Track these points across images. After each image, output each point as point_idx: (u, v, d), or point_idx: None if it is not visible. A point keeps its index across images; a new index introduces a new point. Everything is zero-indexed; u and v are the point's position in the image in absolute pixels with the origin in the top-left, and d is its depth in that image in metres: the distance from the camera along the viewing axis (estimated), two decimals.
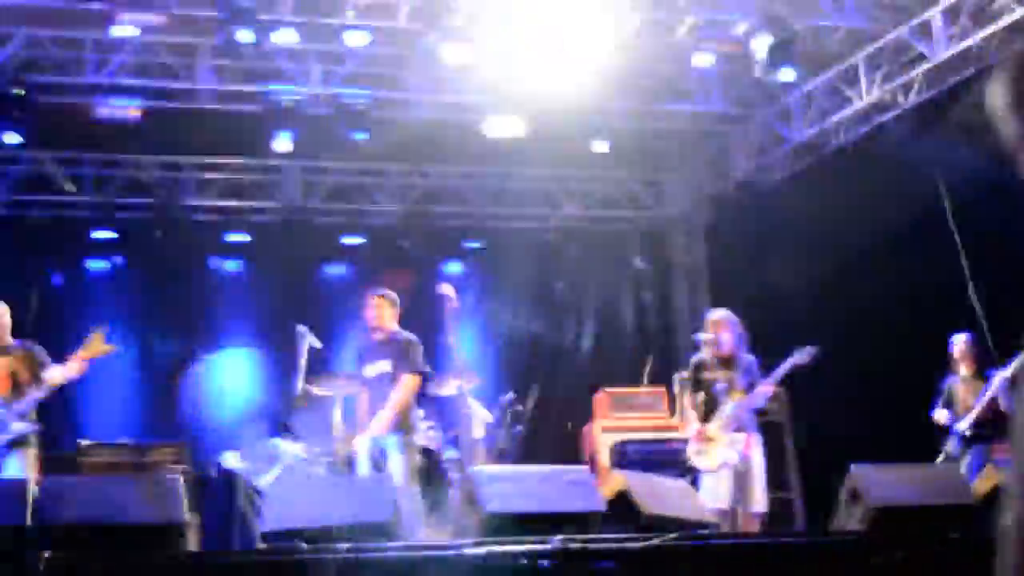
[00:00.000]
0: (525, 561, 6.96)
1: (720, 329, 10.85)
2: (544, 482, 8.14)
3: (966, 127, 14.36)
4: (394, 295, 10.82)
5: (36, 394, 9.88)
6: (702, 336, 10.92)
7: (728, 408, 10.52)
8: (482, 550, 7.08)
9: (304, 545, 7.05)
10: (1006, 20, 12.41)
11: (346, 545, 6.97)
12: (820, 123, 15.07)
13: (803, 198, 15.70)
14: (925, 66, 13.50)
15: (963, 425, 11.71)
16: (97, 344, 10.00)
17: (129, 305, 16.07)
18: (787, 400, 13.93)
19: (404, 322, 16.36)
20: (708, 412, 10.69)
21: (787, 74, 13.49)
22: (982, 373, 11.87)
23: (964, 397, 11.90)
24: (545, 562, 6.93)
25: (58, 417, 15.06)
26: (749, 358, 10.88)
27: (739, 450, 10.35)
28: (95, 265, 16.32)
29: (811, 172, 15.88)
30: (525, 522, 7.64)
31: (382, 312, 10.70)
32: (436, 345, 11.58)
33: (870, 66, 14.22)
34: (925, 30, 13.33)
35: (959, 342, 12.15)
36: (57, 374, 9.90)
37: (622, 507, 8.27)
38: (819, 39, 14.23)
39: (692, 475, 10.76)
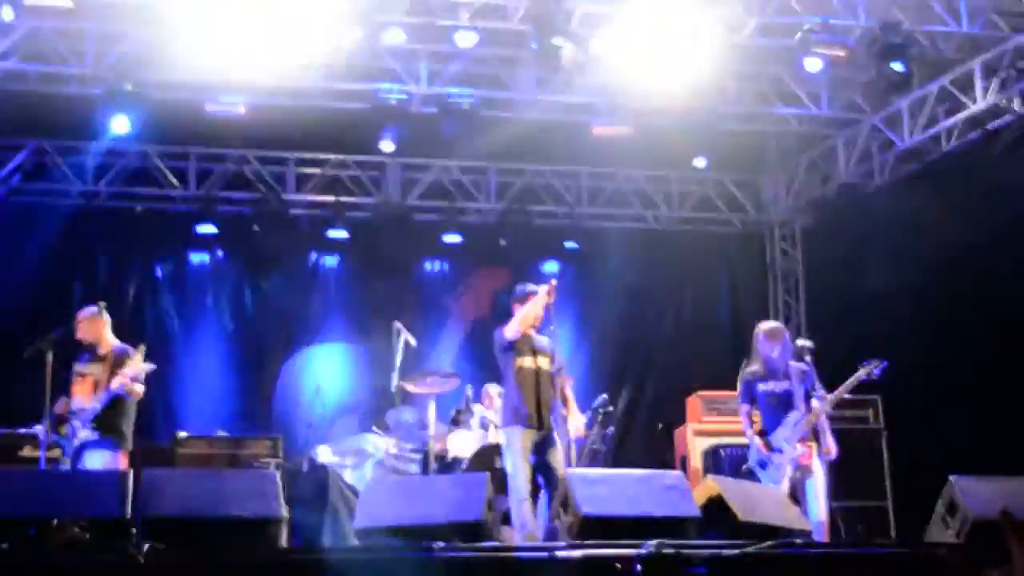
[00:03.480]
0: (619, 565, 6.94)
1: (772, 340, 10.80)
2: (639, 486, 8.13)
3: None
4: None
5: (96, 404, 10.20)
6: (761, 348, 10.84)
7: (790, 420, 10.53)
8: (577, 553, 7.08)
9: (398, 543, 7.07)
10: None
11: (440, 544, 6.98)
12: (929, 129, 14.90)
13: (905, 204, 15.53)
14: None
15: None
16: (136, 363, 10.25)
17: (228, 298, 16.26)
18: (881, 406, 13.78)
19: (497, 318, 16.53)
20: (770, 423, 10.71)
21: (900, 71, 13.38)
22: None
23: None
24: (639, 567, 6.91)
25: (154, 409, 15.34)
26: (801, 367, 10.83)
27: (799, 461, 10.42)
28: (196, 258, 16.46)
29: (915, 178, 15.71)
30: (619, 526, 7.62)
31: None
32: None
33: (986, 72, 14.03)
34: None
35: None
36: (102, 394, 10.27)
37: (715, 513, 8.22)
38: (935, 45, 14.08)
39: None
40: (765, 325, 11.11)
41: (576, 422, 10.33)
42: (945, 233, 14.95)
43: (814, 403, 10.60)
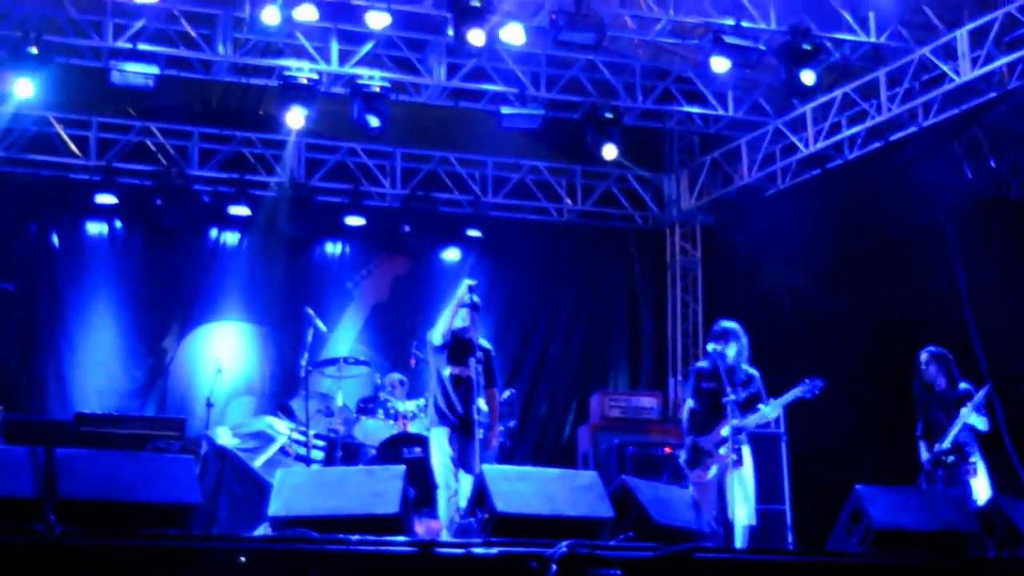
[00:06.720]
0: (535, 564, 6.94)
1: (726, 340, 10.85)
2: (554, 485, 8.10)
3: (975, 148, 14.47)
4: None
5: None
6: (711, 347, 10.90)
7: (728, 424, 10.56)
8: (492, 550, 7.06)
9: (314, 534, 7.00)
10: None
11: (355, 537, 6.93)
12: (832, 136, 15.08)
13: (805, 208, 15.72)
14: (947, 87, 13.53)
15: (943, 445, 11.48)
16: None
17: (126, 271, 15.92)
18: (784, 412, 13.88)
19: (397, 304, 16.40)
20: (707, 423, 10.77)
21: (808, 77, 13.54)
22: (954, 388, 11.56)
23: (938, 416, 11.68)
24: (554, 566, 6.91)
25: (47, 382, 15.03)
26: (752, 372, 10.95)
27: (732, 465, 10.49)
28: (95, 228, 16.05)
29: (816, 183, 15.89)
30: (533, 524, 7.61)
31: None
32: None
33: (891, 83, 14.25)
34: (950, 52, 13.39)
35: (926, 360, 11.74)
36: None
37: (627, 513, 8.24)
38: (842, 53, 14.26)
39: (682, 483, 10.88)
40: (718, 324, 11.17)
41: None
42: (842, 240, 15.19)
43: (762, 410, 10.72)
